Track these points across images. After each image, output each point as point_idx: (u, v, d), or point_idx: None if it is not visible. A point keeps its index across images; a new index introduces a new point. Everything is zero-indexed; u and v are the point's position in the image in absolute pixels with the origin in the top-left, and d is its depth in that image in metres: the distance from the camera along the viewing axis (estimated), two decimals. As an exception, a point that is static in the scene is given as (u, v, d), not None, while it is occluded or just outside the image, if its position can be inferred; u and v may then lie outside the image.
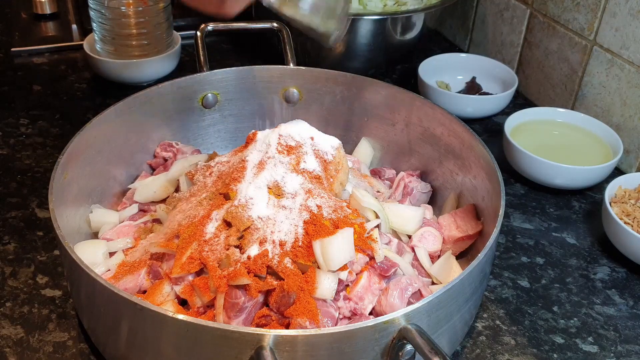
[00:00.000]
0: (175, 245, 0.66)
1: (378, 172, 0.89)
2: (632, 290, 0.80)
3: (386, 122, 0.91)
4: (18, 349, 0.68)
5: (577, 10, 1.04)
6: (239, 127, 0.95)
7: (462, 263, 0.76)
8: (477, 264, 0.60)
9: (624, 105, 0.98)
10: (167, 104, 0.88)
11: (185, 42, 1.22)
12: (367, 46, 1.15)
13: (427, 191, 0.86)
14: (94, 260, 0.71)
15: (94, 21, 1.12)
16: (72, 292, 0.67)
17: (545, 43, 1.12)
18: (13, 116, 1.07)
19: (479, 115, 1.11)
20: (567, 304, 0.77)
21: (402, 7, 1.18)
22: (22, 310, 0.72)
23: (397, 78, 1.25)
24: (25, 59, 1.24)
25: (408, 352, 0.54)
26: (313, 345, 0.53)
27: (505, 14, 1.22)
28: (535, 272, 0.82)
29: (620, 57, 0.98)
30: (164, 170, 0.85)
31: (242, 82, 0.92)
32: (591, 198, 0.95)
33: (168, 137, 0.90)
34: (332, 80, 0.92)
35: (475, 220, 0.77)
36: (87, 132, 0.76)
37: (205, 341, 0.53)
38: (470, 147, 0.79)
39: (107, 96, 1.14)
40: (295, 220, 0.65)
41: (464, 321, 0.65)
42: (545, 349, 0.71)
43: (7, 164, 0.96)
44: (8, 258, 0.79)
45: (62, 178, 0.70)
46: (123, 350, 0.60)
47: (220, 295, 0.61)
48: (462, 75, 1.19)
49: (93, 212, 0.77)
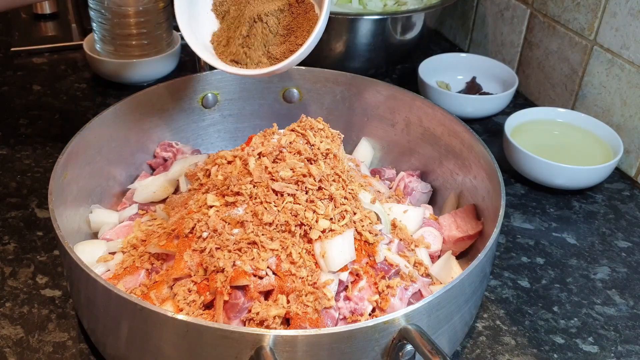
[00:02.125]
0: (175, 245, 0.66)
1: (378, 172, 0.89)
2: (633, 290, 0.80)
3: (386, 122, 0.91)
4: (18, 349, 0.68)
5: (578, 10, 1.04)
6: (239, 127, 0.95)
7: (462, 263, 0.76)
8: (477, 264, 0.60)
9: (624, 105, 0.98)
10: (167, 104, 0.88)
11: (185, 42, 1.21)
12: (367, 46, 1.15)
13: (427, 191, 0.86)
14: (94, 260, 0.71)
15: (93, 21, 1.12)
16: (72, 292, 0.67)
17: (545, 43, 1.12)
18: (13, 116, 1.07)
19: (479, 115, 1.11)
20: (568, 304, 0.77)
21: (402, 7, 1.18)
22: (22, 311, 0.72)
23: (397, 78, 1.25)
24: (25, 59, 1.24)
25: (408, 352, 0.54)
26: (313, 346, 0.53)
27: (505, 14, 1.21)
28: (535, 272, 0.82)
29: (621, 57, 0.98)
30: (164, 170, 0.85)
31: (242, 82, 0.92)
32: (591, 198, 0.95)
33: (168, 137, 0.90)
34: (332, 80, 0.92)
35: (475, 220, 0.77)
36: (87, 132, 0.76)
37: (205, 341, 0.53)
38: (470, 147, 0.79)
39: (107, 96, 1.14)
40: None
41: (464, 321, 0.65)
42: (546, 349, 0.71)
43: (7, 164, 0.96)
44: (8, 258, 0.79)
45: (62, 178, 0.70)
46: (123, 350, 0.60)
47: (220, 295, 0.61)
48: (462, 75, 1.19)
49: (93, 212, 0.77)
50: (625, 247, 0.86)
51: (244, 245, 0.63)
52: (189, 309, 0.61)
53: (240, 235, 0.64)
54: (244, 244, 0.63)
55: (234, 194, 0.66)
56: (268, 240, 0.63)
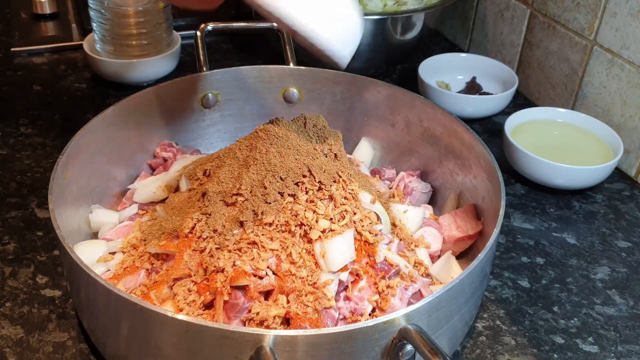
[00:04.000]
0: (175, 245, 0.66)
1: (378, 172, 0.89)
2: (633, 290, 0.80)
3: (386, 122, 0.91)
4: (18, 349, 0.68)
5: (578, 10, 1.04)
6: (239, 127, 0.95)
7: (462, 263, 0.76)
8: (477, 264, 0.60)
9: (624, 105, 0.98)
10: (167, 104, 0.88)
11: (185, 42, 1.21)
12: (367, 46, 1.15)
13: (427, 191, 0.86)
14: (94, 260, 0.71)
15: (93, 21, 1.12)
16: (72, 292, 0.67)
17: (545, 43, 1.12)
18: (13, 116, 1.07)
19: (479, 115, 1.11)
20: (568, 304, 0.77)
21: (402, 7, 1.18)
22: (22, 311, 0.72)
23: (397, 78, 1.24)
24: (25, 59, 1.24)
25: (408, 352, 0.54)
26: (313, 346, 0.53)
27: (505, 13, 1.21)
28: (535, 272, 0.82)
29: (621, 57, 0.98)
30: (164, 170, 0.85)
31: (242, 82, 0.92)
32: (591, 198, 0.95)
33: (168, 137, 0.90)
34: (332, 80, 0.92)
35: (475, 220, 0.77)
36: (87, 132, 0.76)
37: (205, 341, 0.53)
38: (470, 147, 0.79)
39: (107, 96, 1.14)
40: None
41: (464, 321, 0.65)
42: (546, 349, 0.71)
43: (7, 164, 0.96)
44: (8, 258, 0.79)
45: (62, 178, 0.70)
46: (123, 350, 0.60)
47: (220, 295, 0.61)
48: (462, 75, 1.19)
49: (93, 212, 0.77)
50: (625, 247, 0.86)
51: (244, 245, 0.63)
52: (189, 309, 0.61)
53: (240, 235, 0.64)
54: (244, 244, 0.63)
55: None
56: (268, 240, 0.63)
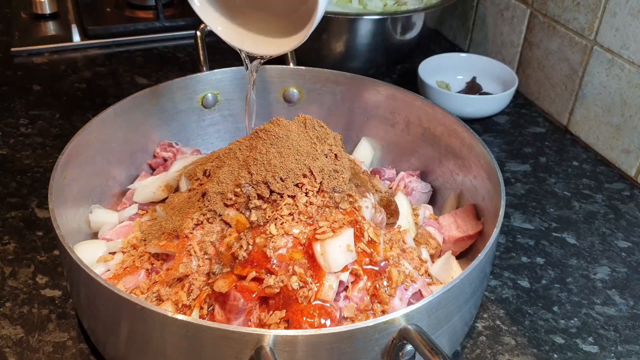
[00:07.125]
0: (175, 245, 0.66)
1: (378, 172, 0.88)
2: (632, 290, 0.80)
3: (386, 122, 0.91)
4: (18, 349, 0.68)
5: (578, 10, 1.04)
6: (239, 127, 0.95)
7: (462, 263, 0.76)
8: (477, 264, 0.60)
9: (624, 105, 0.98)
10: (167, 104, 0.88)
11: (185, 42, 1.22)
12: (367, 46, 1.15)
13: (427, 191, 0.86)
14: (94, 260, 0.71)
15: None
16: (72, 292, 0.67)
17: (545, 43, 1.12)
18: (13, 116, 1.07)
19: (479, 115, 1.11)
20: (568, 304, 0.77)
21: (402, 7, 1.18)
22: (22, 310, 0.72)
23: (397, 78, 1.24)
24: (25, 59, 1.24)
25: (408, 352, 0.54)
26: (313, 346, 0.53)
27: (505, 13, 1.21)
28: (535, 272, 0.82)
29: (621, 57, 0.98)
30: (164, 170, 0.85)
31: (242, 82, 0.92)
32: (591, 198, 0.95)
33: (168, 137, 0.90)
34: (332, 80, 0.92)
35: (475, 220, 0.77)
36: (87, 132, 0.76)
37: (205, 341, 0.53)
38: (470, 147, 0.79)
39: (107, 96, 1.14)
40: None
41: (464, 321, 0.65)
42: (546, 349, 0.71)
43: (7, 164, 0.96)
44: (8, 258, 0.79)
45: (62, 178, 0.70)
46: (123, 350, 0.60)
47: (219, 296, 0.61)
48: (462, 75, 1.19)
49: (93, 212, 0.77)
50: (625, 247, 0.86)
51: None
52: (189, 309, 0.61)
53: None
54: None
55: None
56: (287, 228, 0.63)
